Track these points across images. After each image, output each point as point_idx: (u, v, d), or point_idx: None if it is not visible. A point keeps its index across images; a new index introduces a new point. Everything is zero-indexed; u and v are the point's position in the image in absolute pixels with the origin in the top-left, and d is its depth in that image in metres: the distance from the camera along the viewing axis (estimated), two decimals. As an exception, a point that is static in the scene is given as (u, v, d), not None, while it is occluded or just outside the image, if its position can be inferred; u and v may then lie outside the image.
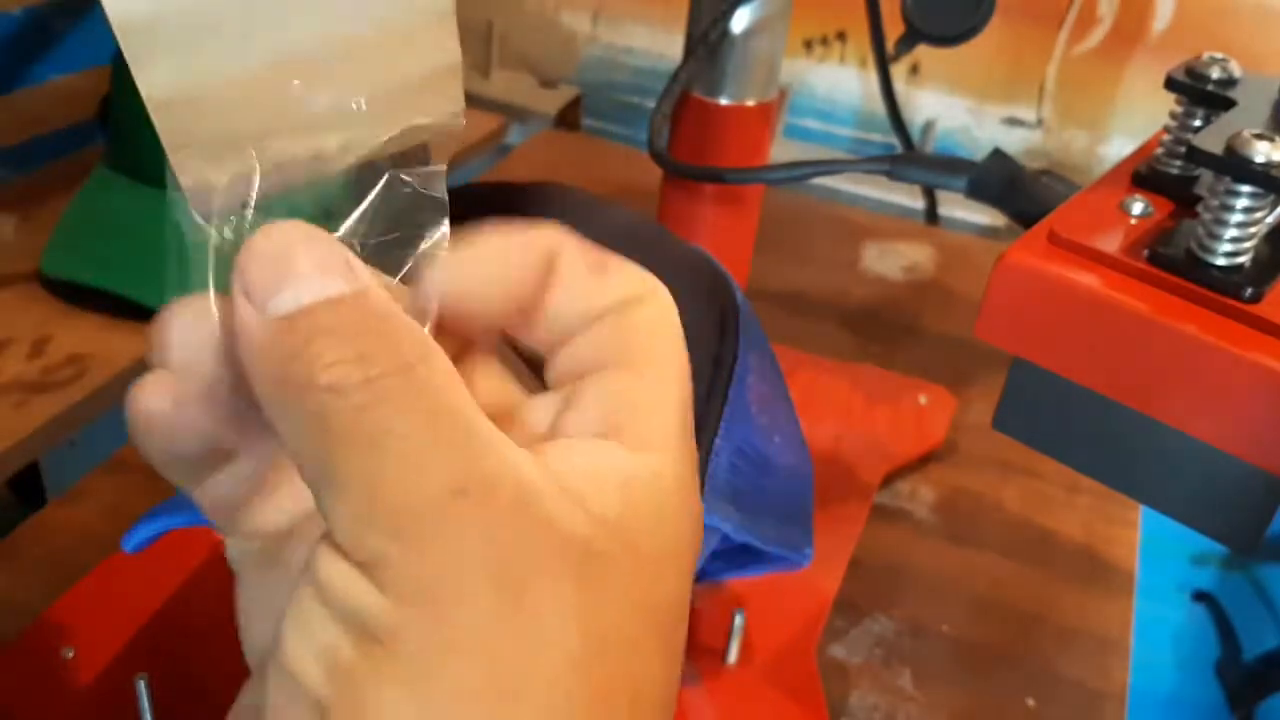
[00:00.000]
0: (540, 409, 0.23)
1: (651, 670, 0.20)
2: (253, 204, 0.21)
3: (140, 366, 0.22)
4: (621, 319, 0.22)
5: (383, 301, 0.19)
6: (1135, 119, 0.94)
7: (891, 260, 0.84)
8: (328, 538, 0.19)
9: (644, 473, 0.21)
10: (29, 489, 0.66)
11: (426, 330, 0.21)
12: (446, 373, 0.20)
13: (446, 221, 0.22)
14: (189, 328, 0.21)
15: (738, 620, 0.48)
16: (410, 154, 0.23)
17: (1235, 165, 0.30)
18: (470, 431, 0.19)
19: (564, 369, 0.23)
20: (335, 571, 0.19)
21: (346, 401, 0.18)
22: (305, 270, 0.19)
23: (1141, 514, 0.62)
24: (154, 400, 0.21)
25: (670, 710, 0.21)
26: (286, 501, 0.24)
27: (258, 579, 0.24)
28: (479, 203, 0.31)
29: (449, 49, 0.22)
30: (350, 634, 0.19)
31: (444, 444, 0.19)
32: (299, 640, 0.19)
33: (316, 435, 0.19)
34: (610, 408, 0.21)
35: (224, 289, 0.20)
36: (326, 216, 0.21)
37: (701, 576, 0.46)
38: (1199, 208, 0.32)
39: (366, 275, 0.20)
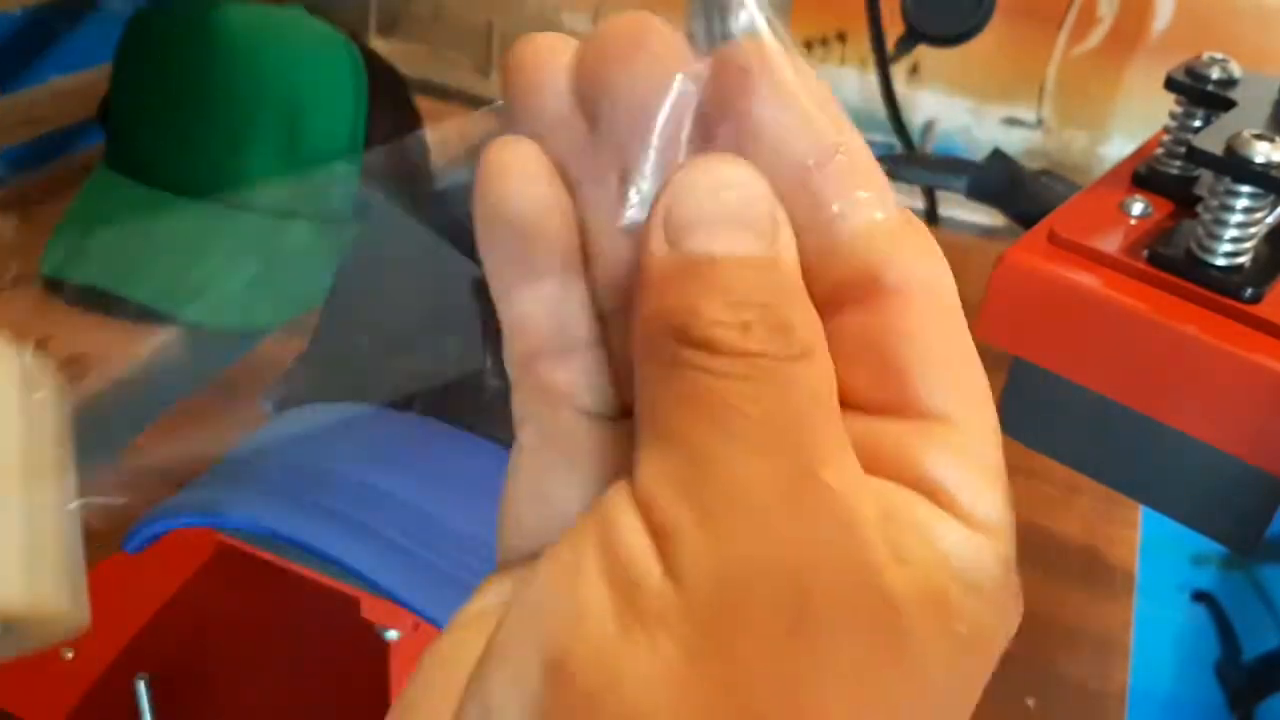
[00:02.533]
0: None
1: None
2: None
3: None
4: (908, 314, 0.19)
5: (791, 276, 0.18)
6: (1135, 119, 0.94)
7: (891, 260, 0.84)
8: (629, 484, 0.18)
9: (973, 554, 0.18)
10: (29, 489, 0.66)
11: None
12: (824, 378, 0.18)
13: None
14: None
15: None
16: None
17: (1235, 165, 0.30)
18: (823, 451, 0.17)
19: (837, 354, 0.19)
20: (624, 524, 0.17)
21: (711, 363, 0.17)
22: (732, 215, 0.18)
23: (1141, 514, 0.62)
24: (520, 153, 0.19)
25: None
26: (599, 376, 0.21)
27: (535, 452, 0.21)
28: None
29: None
30: (614, 604, 0.17)
31: (788, 447, 0.17)
32: (557, 584, 0.17)
33: (668, 383, 0.17)
34: (933, 463, 0.18)
35: None
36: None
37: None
38: (1199, 208, 0.32)
39: (788, 236, 0.18)
